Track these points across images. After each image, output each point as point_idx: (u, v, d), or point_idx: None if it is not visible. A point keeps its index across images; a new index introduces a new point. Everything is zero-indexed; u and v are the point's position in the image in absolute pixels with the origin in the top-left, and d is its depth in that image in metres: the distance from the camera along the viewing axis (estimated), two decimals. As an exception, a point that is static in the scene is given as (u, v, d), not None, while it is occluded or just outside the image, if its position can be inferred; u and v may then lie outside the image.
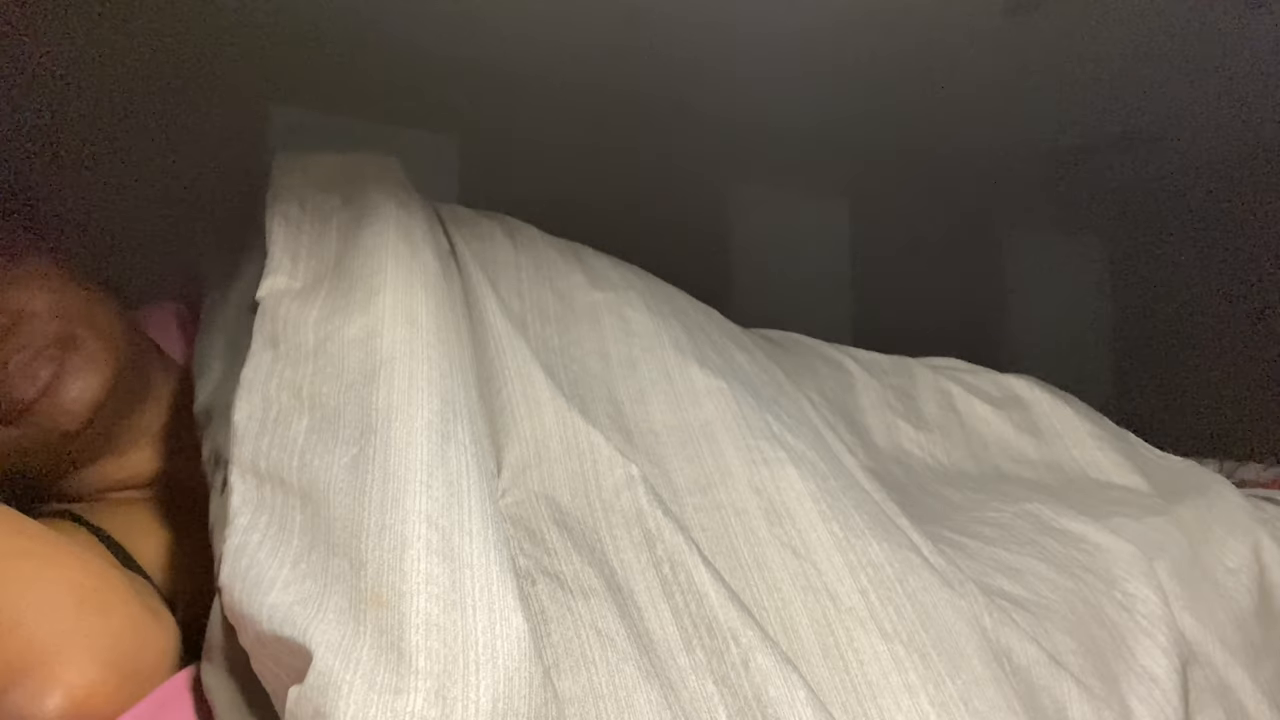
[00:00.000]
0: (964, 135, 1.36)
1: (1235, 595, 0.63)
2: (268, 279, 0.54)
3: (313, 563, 0.41)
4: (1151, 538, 0.63)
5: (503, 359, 0.55)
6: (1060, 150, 1.42)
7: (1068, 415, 0.79)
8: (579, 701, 0.40)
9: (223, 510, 0.46)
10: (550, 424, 0.53)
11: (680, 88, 1.17)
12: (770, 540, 0.50)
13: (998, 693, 0.46)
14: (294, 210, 0.58)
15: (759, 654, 0.42)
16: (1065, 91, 1.21)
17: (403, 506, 0.41)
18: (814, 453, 0.56)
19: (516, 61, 1.09)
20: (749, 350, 0.67)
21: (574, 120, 1.18)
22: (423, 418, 0.46)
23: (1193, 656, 0.58)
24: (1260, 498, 0.75)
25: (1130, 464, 0.75)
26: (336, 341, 0.50)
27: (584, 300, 0.63)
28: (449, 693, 0.36)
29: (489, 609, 0.38)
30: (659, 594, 0.46)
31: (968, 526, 0.62)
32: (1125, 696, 0.52)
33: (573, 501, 0.50)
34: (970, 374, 0.83)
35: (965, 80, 1.17)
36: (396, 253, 0.54)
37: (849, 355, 0.81)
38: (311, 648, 0.37)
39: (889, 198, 1.46)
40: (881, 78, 1.15)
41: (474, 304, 0.58)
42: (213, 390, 0.55)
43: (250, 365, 0.50)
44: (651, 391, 0.58)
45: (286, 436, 0.47)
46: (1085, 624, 0.55)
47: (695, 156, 1.27)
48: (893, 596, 0.48)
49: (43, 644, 0.44)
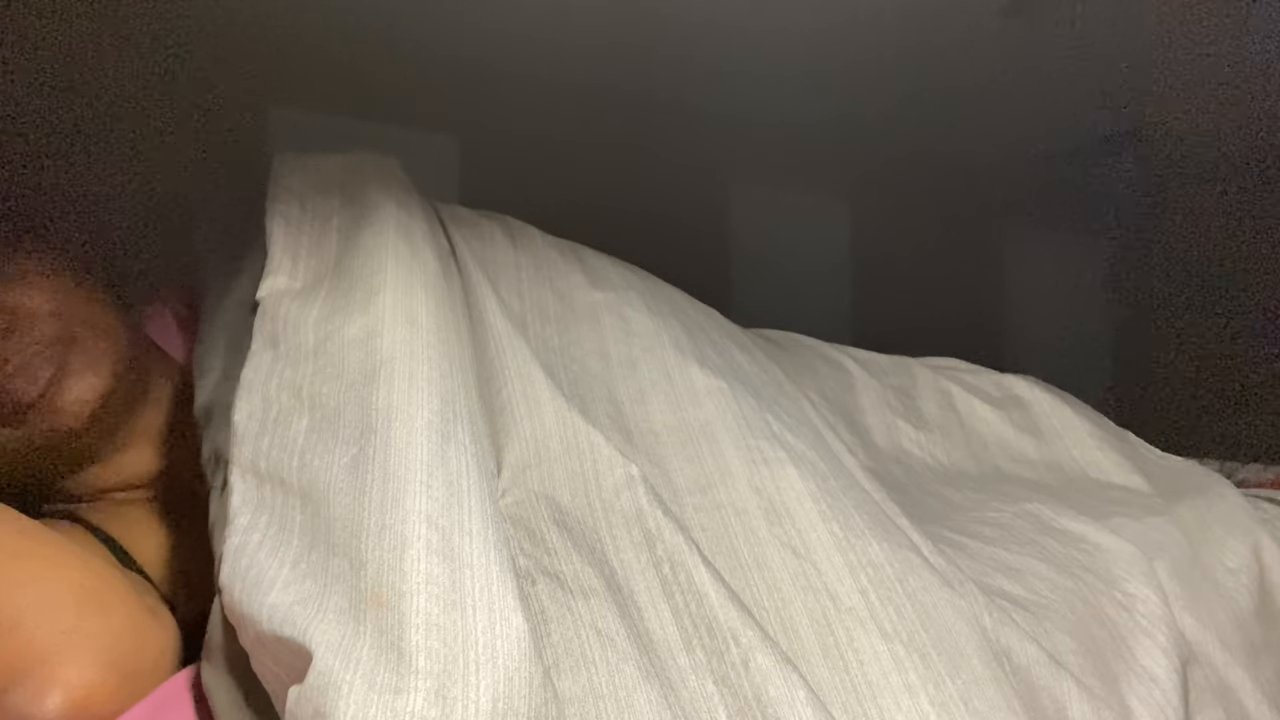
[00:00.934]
0: (964, 135, 1.36)
1: (1235, 595, 0.63)
2: (268, 279, 0.54)
3: (313, 563, 0.41)
4: (1151, 538, 0.63)
5: (503, 359, 0.55)
6: (1060, 150, 1.42)
7: (1068, 415, 0.79)
8: (579, 701, 0.40)
9: (223, 510, 0.46)
10: (550, 424, 0.53)
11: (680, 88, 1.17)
12: (770, 540, 0.50)
13: (998, 693, 0.46)
14: (294, 211, 0.58)
15: (759, 654, 0.42)
16: (1065, 91, 1.21)
17: (403, 506, 0.41)
18: (814, 453, 0.56)
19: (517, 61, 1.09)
20: (749, 350, 0.67)
21: (574, 120, 1.18)
22: (423, 418, 0.46)
23: (1193, 656, 0.58)
24: (1260, 498, 0.75)
25: (1130, 464, 0.75)
26: (336, 341, 0.50)
27: (584, 300, 0.63)
28: (449, 692, 0.36)
29: (489, 609, 0.38)
30: (659, 594, 0.46)
31: (968, 526, 0.62)
32: (1125, 696, 0.52)
33: (573, 501, 0.50)
34: (970, 374, 0.84)
35: (965, 80, 1.17)
36: (396, 253, 0.54)
37: (849, 355, 0.81)
38: (311, 648, 0.37)
39: (889, 197, 1.46)
40: (881, 78, 1.15)
41: (474, 304, 0.58)
42: (213, 390, 0.55)
43: (250, 365, 0.50)
44: (651, 391, 0.58)
45: (286, 436, 0.47)
46: (1085, 624, 0.55)
47: (695, 156, 1.27)
48: (893, 596, 0.48)
49: (43, 644, 0.44)
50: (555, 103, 1.16)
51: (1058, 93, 1.21)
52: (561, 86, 1.14)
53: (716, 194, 1.32)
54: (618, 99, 1.18)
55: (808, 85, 1.17)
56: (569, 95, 1.16)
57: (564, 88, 1.14)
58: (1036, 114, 1.28)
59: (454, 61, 1.08)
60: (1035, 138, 1.38)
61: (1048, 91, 1.21)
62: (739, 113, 1.25)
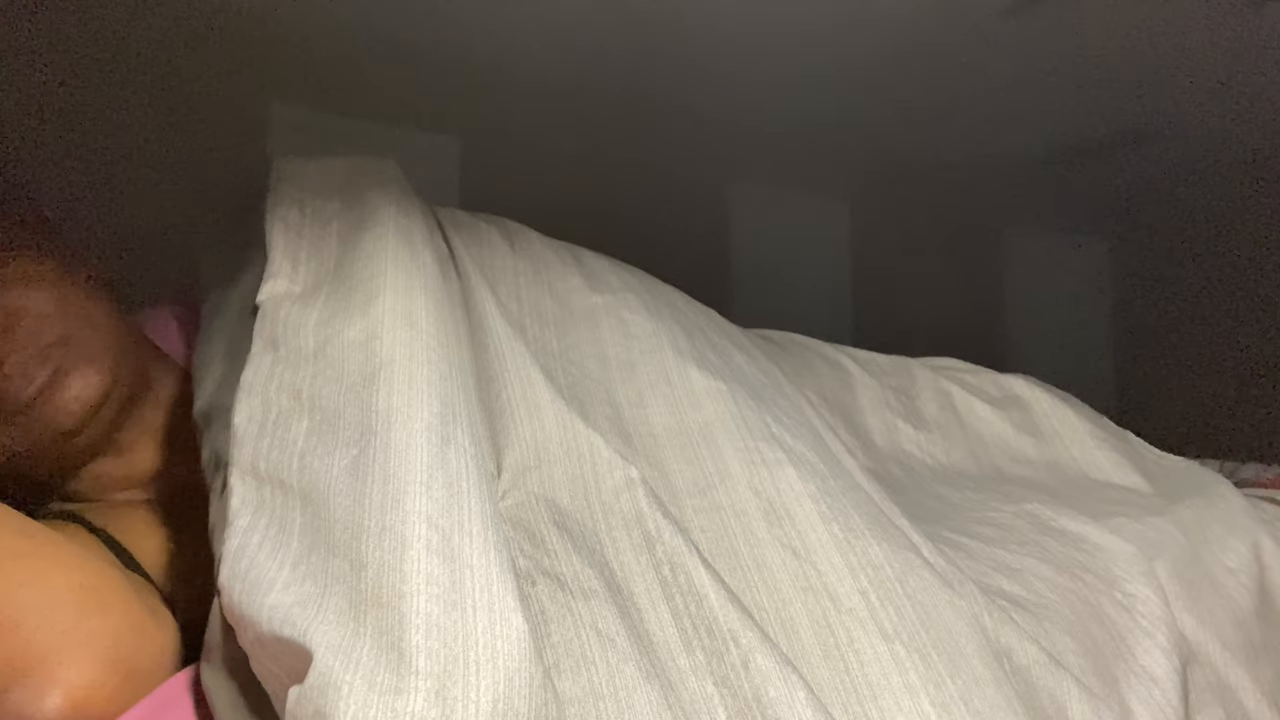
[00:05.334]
0: (964, 135, 1.36)
1: (1235, 595, 0.63)
2: (268, 283, 0.54)
3: (313, 564, 0.41)
4: (1151, 538, 0.63)
5: (502, 362, 0.55)
6: (1060, 150, 1.42)
7: (1068, 415, 0.79)
8: (579, 702, 0.40)
9: (222, 512, 0.46)
10: (550, 426, 0.53)
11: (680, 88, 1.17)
12: (770, 541, 0.50)
13: (998, 693, 0.46)
14: (294, 214, 0.58)
15: (759, 655, 0.42)
16: (1065, 91, 1.21)
17: (403, 508, 0.41)
18: (813, 454, 0.56)
19: (517, 62, 1.09)
20: (748, 351, 0.67)
21: (575, 121, 1.18)
22: (422, 420, 0.46)
23: (1193, 656, 0.59)
24: (1260, 498, 0.75)
25: (1130, 464, 0.75)
26: (336, 344, 0.50)
27: (582, 303, 0.63)
28: (449, 693, 0.36)
29: (489, 609, 0.38)
30: (659, 595, 0.46)
31: (968, 527, 0.62)
32: (1125, 696, 0.52)
33: (572, 503, 0.50)
34: (970, 374, 0.84)
35: (965, 80, 1.17)
36: (396, 256, 0.54)
37: (849, 355, 0.81)
38: (312, 648, 0.37)
39: (889, 198, 1.46)
40: (882, 78, 1.15)
41: (473, 307, 0.58)
42: (213, 393, 0.55)
43: (250, 368, 0.50)
44: (651, 394, 0.58)
45: (286, 439, 0.47)
46: (1085, 624, 0.55)
47: (695, 157, 1.28)
48: (893, 597, 0.48)
49: (43, 644, 0.44)
50: (555, 103, 1.16)
51: (1058, 93, 1.21)
52: (561, 87, 1.14)
53: (716, 195, 1.32)
54: (618, 100, 1.18)
55: (808, 86, 1.17)
56: (569, 96, 1.16)
57: (564, 88, 1.14)
58: (1036, 114, 1.29)
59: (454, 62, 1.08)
60: (1035, 138, 1.38)
61: (1048, 91, 1.21)
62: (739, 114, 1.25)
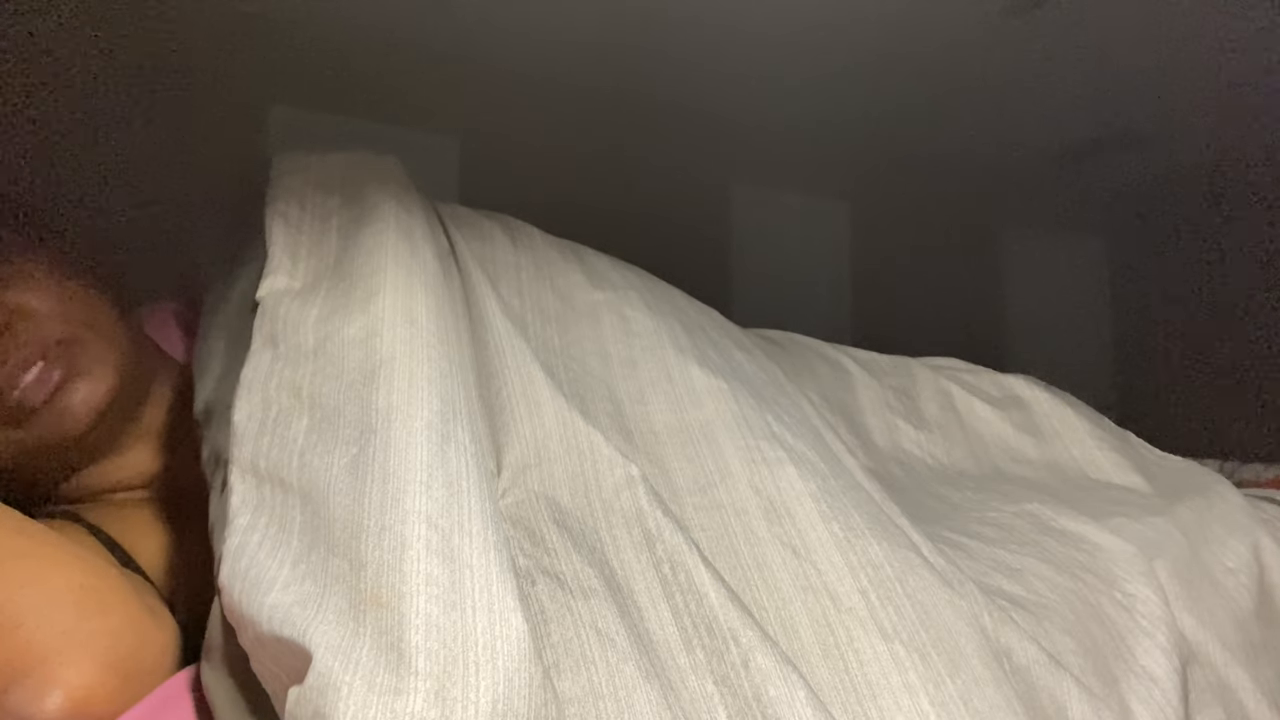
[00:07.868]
0: (964, 135, 1.36)
1: (1235, 595, 0.63)
2: (267, 279, 0.54)
3: (312, 563, 0.41)
4: (1151, 538, 0.63)
5: (503, 359, 0.55)
6: (1060, 150, 1.42)
7: (1068, 415, 0.79)
8: (579, 701, 0.40)
9: (222, 510, 0.45)
10: (550, 424, 0.53)
11: (680, 88, 1.17)
12: (770, 540, 0.50)
13: (998, 693, 0.46)
14: (294, 210, 0.58)
15: (759, 654, 0.42)
16: (1065, 91, 1.21)
17: (402, 507, 0.41)
18: (814, 453, 0.56)
19: (517, 61, 1.09)
20: (749, 350, 0.67)
21: (575, 120, 1.18)
22: (422, 418, 0.45)
23: (1193, 656, 0.58)
24: (1260, 498, 0.75)
25: (1130, 464, 0.75)
26: (336, 341, 0.50)
27: (584, 300, 0.63)
28: (449, 693, 0.36)
29: (489, 609, 0.38)
30: (659, 594, 0.46)
31: (968, 526, 0.62)
32: (1125, 696, 0.52)
33: (573, 502, 0.50)
34: (970, 374, 0.84)
35: (965, 80, 1.17)
36: (396, 252, 0.54)
37: (849, 355, 0.81)
38: (311, 648, 0.37)
39: (889, 198, 1.46)
40: (881, 78, 1.15)
41: (474, 304, 0.58)
42: (213, 390, 0.55)
43: (250, 365, 0.50)
44: (651, 391, 0.58)
45: (286, 436, 0.47)
46: (1085, 624, 0.55)
47: (695, 156, 1.28)
48: (893, 596, 0.48)
49: (43, 644, 0.44)
50: (555, 103, 1.16)
51: (1058, 93, 1.21)
52: (561, 86, 1.14)
53: (716, 194, 1.32)
54: (618, 99, 1.18)
55: (808, 85, 1.17)
56: (569, 95, 1.16)
57: (564, 88, 1.14)
58: (1037, 114, 1.29)
59: (454, 61, 1.08)
60: (1035, 138, 1.38)
61: (1048, 91, 1.21)
62: (739, 113, 1.25)
